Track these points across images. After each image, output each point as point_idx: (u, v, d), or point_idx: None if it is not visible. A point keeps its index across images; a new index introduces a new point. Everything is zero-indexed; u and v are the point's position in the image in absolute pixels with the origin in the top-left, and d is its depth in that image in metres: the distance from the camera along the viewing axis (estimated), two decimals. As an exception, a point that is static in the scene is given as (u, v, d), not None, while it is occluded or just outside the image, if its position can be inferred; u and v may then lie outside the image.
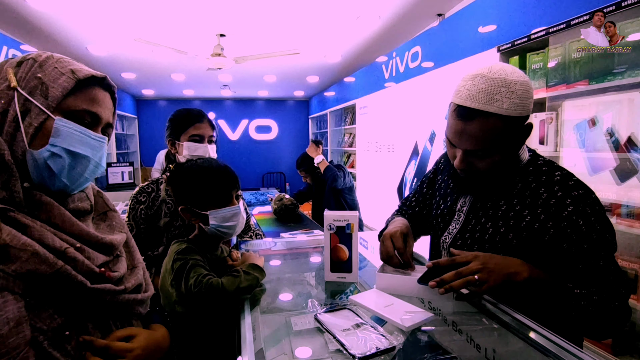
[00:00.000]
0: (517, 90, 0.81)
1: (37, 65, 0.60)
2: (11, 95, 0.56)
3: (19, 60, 0.60)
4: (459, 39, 2.70)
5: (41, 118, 0.57)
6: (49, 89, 0.58)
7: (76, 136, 0.60)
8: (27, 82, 0.58)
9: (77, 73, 0.61)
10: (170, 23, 3.62)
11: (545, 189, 0.88)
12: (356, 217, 1.14)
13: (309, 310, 0.95)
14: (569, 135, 1.86)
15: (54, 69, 0.60)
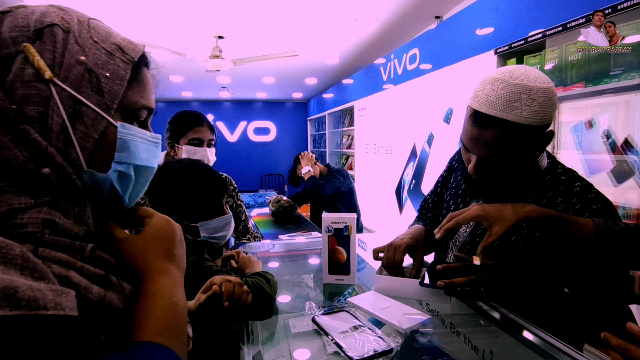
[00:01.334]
0: (538, 98, 0.76)
1: (72, 39, 0.41)
2: (45, 92, 0.38)
3: (34, 27, 0.39)
4: (456, 41, 2.71)
5: (100, 126, 0.41)
6: (101, 81, 0.41)
7: (141, 145, 0.46)
8: (66, 68, 0.40)
9: (127, 51, 0.45)
10: (168, 25, 3.63)
11: (563, 199, 0.83)
12: (354, 220, 1.14)
13: (307, 312, 0.95)
14: (566, 137, 1.87)
15: (94, 44, 0.42)
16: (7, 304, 0.28)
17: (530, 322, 0.83)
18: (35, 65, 0.38)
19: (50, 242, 0.36)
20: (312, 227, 2.80)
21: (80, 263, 0.37)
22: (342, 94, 5.67)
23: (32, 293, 0.29)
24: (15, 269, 0.31)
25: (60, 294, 0.32)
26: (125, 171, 0.44)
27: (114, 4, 3.06)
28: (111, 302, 0.38)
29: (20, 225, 0.35)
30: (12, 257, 0.31)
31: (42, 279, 0.32)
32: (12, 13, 0.40)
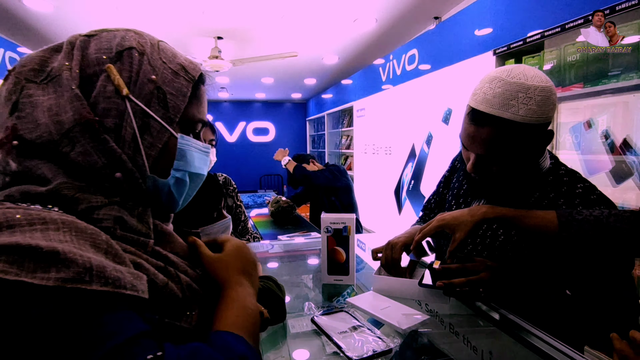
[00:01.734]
0: (535, 97, 0.76)
1: (146, 60, 0.47)
2: (122, 106, 0.44)
3: (116, 50, 0.45)
4: (455, 42, 2.72)
5: (164, 137, 0.47)
6: (167, 97, 0.47)
7: (196, 155, 0.52)
8: (139, 86, 0.45)
9: (189, 71, 0.50)
10: (167, 26, 3.63)
11: (565, 200, 0.83)
12: (353, 220, 1.14)
13: (306, 313, 0.95)
14: (565, 138, 1.88)
15: (163, 65, 0.48)
16: (98, 280, 0.33)
17: (529, 323, 0.83)
18: (115, 83, 0.43)
19: (121, 236, 0.42)
20: (311, 228, 2.80)
21: (145, 255, 0.43)
22: (341, 94, 5.67)
23: (116, 274, 0.35)
24: (102, 252, 0.36)
25: (136, 277, 0.37)
26: (182, 177, 0.50)
27: (112, 6, 3.05)
28: (172, 289, 0.43)
29: (97, 220, 0.41)
30: (100, 242, 0.37)
31: (121, 263, 0.37)
32: (97, 37, 0.46)
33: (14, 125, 0.41)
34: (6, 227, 0.34)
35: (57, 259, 0.32)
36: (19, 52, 3.20)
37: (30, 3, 2.99)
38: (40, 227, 0.34)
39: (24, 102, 0.42)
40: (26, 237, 0.33)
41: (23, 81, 0.43)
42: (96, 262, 0.34)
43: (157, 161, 0.47)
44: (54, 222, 0.36)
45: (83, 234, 0.36)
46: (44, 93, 0.43)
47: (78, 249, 0.34)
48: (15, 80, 0.43)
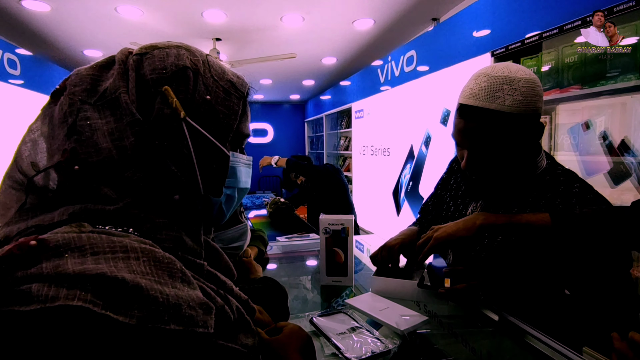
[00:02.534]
0: (520, 87, 0.78)
1: (201, 81, 0.46)
2: (179, 128, 0.43)
3: (172, 70, 0.44)
4: (453, 43, 2.72)
5: (217, 156, 0.47)
6: (220, 116, 0.47)
7: (244, 170, 0.52)
8: (195, 107, 0.45)
9: (238, 87, 0.50)
10: (165, 27, 3.62)
11: (562, 200, 0.83)
12: (351, 221, 1.14)
13: (305, 314, 0.94)
14: (563, 139, 1.88)
15: (214, 83, 0.47)
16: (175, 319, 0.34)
17: (527, 324, 0.83)
18: (173, 106, 0.43)
19: (182, 258, 0.42)
20: (310, 229, 2.79)
21: (202, 279, 0.43)
22: (340, 95, 5.67)
23: (190, 311, 0.35)
24: (178, 280, 0.37)
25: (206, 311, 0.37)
26: (232, 194, 0.51)
27: (111, 7, 3.05)
28: (227, 312, 0.43)
29: (160, 240, 0.41)
30: (175, 271, 0.38)
31: (195, 289, 0.38)
32: (149, 55, 0.46)
33: (73, 149, 0.40)
34: (90, 253, 0.34)
35: (140, 296, 0.33)
36: (17, 53, 3.19)
37: (28, 4, 2.99)
38: (122, 256, 0.35)
39: (82, 124, 0.41)
40: (111, 267, 0.33)
41: (78, 102, 0.42)
42: (173, 300, 0.34)
43: (210, 180, 0.47)
44: (134, 250, 0.36)
45: (161, 264, 0.37)
46: (101, 116, 0.42)
47: (158, 283, 0.35)
48: (70, 102, 0.42)
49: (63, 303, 0.30)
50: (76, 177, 0.41)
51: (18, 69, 3.17)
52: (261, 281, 0.91)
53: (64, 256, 0.33)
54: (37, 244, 0.33)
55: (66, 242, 0.34)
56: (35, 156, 0.43)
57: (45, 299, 0.30)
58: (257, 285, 0.88)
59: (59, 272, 0.32)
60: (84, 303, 0.30)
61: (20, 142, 0.45)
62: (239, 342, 0.44)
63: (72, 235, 0.35)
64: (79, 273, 0.32)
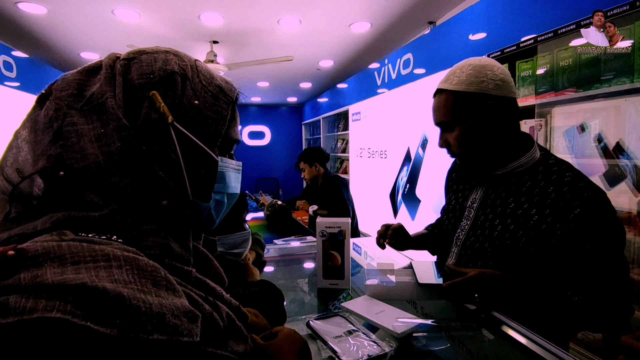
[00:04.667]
0: (467, 70, 0.93)
1: (189, 86, 0.46)
2: (167, 133, 0.43)
3: (159, 74, 0.44)
4: (449, 46, 2.74)
5: (206, 161, 0.47)
6: (208, 121, 0.46)
7: (232, 175, 0.52)
8: (183, 112, 0.44)
9: (227, 93, 0.50)
10: (163, 30, 3.62)
11: (554, 188, 0.87)
12: (348, 224, 1.14)
13: (302, 317, 0.94)
14: (558, 142, 1.89)
15: (203, 87, 0.47)
16: (159, 329, 0.33)
17: (524, 327, 0.83)
18: (161, 111, 0.42)
19: (169, 265, 0.42)
20: (307, 232, 2.79)
21: (190, 286, 0.42)
22: (337, 98, 5.68)
23: (174, 320, 0.35)
24: (162, 289, 0.36)
25: (192, 319, 0.37)
26: (221, 199, 0.50)
27: (107, 10, 3.05)
28: (216, 319, 0.43)
29: (146, 246, 0.40)
30: (160, 279, 0.37)
31: (180, 297, 0.38)
32: (137, 60, 0.45)
33: (58, 154, 0.40)
34: (71, 262, 0.33)
35: (122, 306, 0.32)
36: (14, 55, 3.18)
37: (24, 6, 2.98)
38: (104, 265, 0.34)
39: (68, 130, 0.41)
40: (92, 277, 0.32)
41: (64, 107, 0.42)
42: (157, 309, 0.34)
43: (199, 185, 0.46)
44: (117, 259, 0.35)
45: (144, 272, 0.36)
46: (87, 121, 0.41)
47: (140, 292, 0.34)
48: (56, 107, 0.42)
49: (41, 315, 0.29)
50: (61, 183, 0.40)
51: (14, 71, 3.15)
52: (257, 284, 0.91)
53: (43, 266, 0.32)
54: (15, 253, 0.32)
55: (45, 251, 0.33)
56: (20, 162, 0.42)
57: (23, 311, 0.29)
58: (253, 288, 0.87)
59: (38, 283, 0.31)
60: (63, 314, 0.29)
61: (6, 148, 0.44)
62: (229, 349, 0.43)
63: (52, 244, 0.34)
64: (59, 283, 0.31)
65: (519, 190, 0.93)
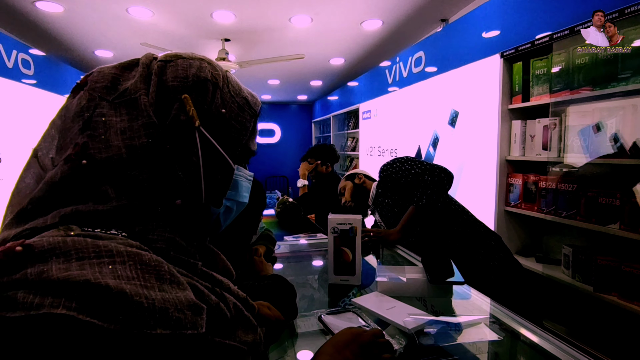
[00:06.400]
0: None
1: (219, 95, 0.47)
2: (192, 136, 0.44)
3: (192, 80, 0.46)
4: (462, 44, 2.71)
5: (223, 168, 0.48)
6: (232, 130, 0.48)
7: (245, 185, 0.53)
8: (210, 118, 0.46)
9: (252, 106, 0.51)
10: (175, 28, 3.66)
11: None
12: (359, 221, 1.15)
13: (313, 311, 0.95)
14: (573, 141, 1.86)
15: (231, 98, 0.49)
16: (162, 324, 0.34)
17: (534, 324, 0.83)
18: (190, 114, 0.44)
19: (174, 258, 0.42)
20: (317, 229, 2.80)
21: (196, 278, 0.43)
22: (347, 96, 5.67)
23: (178, 314, 0.35)
24: (166, 282, 0.37)
25: (196, 312, 0.37)
26: (231, 206, 0.52)
27: (122, 9, 3.09)
28: (223, 309, 0.43)
29: (152, 240, 0.41)
30: (164, 272, 0.38)
31: (184, 290, 0.38)
32: (173, 63, 0.47)
33: (84, 143, 0.41)
34: (75, 258, 0.34)
35: (124, 302, 0.33)
36: (31, 53, 3.25)
37: (41, 5, 3.04)
38: (107, 260, 0.35)
39: (97, 121, 0.42)
40: (96, 273, 0.33)
41: (97, 98, 0.43)
42: (160, 304, 0.34)
43: (213, 190, 0.48)
44: (120, 254, 0.36)
45: (147, 267, 0.37)
46: (116, 114, 0.43)
47: (143, 287, 0.35)
48: (89, 97, 0.43)
49: (47, 311, 0.30)
50: (81, 172, 0.41)
51: (32, 69, 3.23)
52: (271, 278, 0.92)
53: (49, 261, 0.33)
54: (22, 249, 0.34)
55: (51, 247, 0.34)
56: (54, 151, 0.43)
57: (30, 306, 0.30)
58: (267, 282, 0.89)
59: (44, 279, 0.32)
60: (68, 311, 0.30)
61: (41, 137, 0.45)
62: (238, 339, 0.44)
63: (57, 239, 0.35)
64: (64, 279, 0.32)
65: None
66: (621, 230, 1.60)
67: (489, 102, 2.35)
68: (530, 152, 2.13)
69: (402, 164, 1.69)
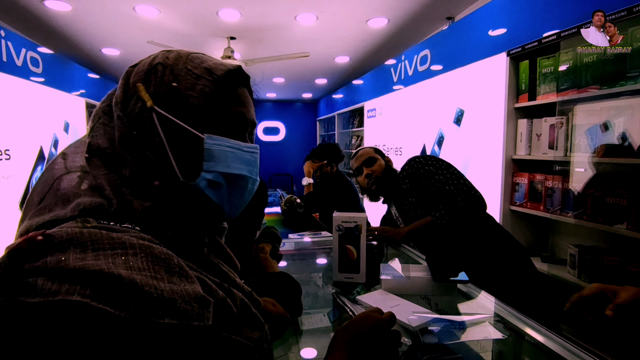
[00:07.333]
0: None
1: (169, 71, 0.48)
2: (150, 117, 0.46)
3: (146, 69, 0.48)
4: (468, 42, 2.70)
5: (189, 140, 0.47)
6: (189, 100, 0.47)
7: (230, 154, 0.50)
8: (163, 96, 0.47)
9: (214, 71, 0.49)
10: (181, 26, 3.68)
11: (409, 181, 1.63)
12: (364, 219, 1.15)
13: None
14: (580, 140, 1.85)
15: (188, 72, 0.48)
16: (169, 314, 0.36)
17: (538, 322, 0.83)
18: (142, 99, 0.46)
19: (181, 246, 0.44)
20: (321, 227, 2.80)
21: (204, 273, 0.45)
22: (352, 94, 5.67)
23: (185, 306, 0.37)
24: (175, 275, 0.39)
25: (203, 304, 0.39)
26: (215, 179, 0.48)
27: (129, 7, 3.11)
28: (229, 304, 0.45)
29: (162, 229, 0.44)
30: (173, 265, 0.40)
31: (192, 283, 0.40)
32: (139, 64, 0.51)
33: (88, 143, 0.48)
34: (91, 249, 0.37)
35: (135, 291, 0.35)
36: (39, 51, 3.28)
37: (50, 3, 3.07)
38: (120, 252, 0.37)
39: (97, 126, 0.50)
40: (109, 263, 0.36)
41: (100, 112, 0.51)
42: (168, 295, 0.36)
43: (187, 166, 0.47)
44: (133, 247, 0.38)
45: (158, 259, 0.39)
46: (104, 119, 0.50)
47: (153, 278, 0.37)
48: (95, 113, 0.52)
49: (63, 297, 0.32)
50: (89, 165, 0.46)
51: (40, 67, 3.26)
52: (276, 276, 0.93)
53: (67, 251, 0.36)
54: (43, 239, 0.36)
55: (70, 237, 0.37)
56: None
57: (48, 292, 0.33)
58: (272, 279, 0.89)
59: (61, 267, 0.34)
60: (83, 298, 0.33)
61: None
62: (244, 335, 0.45)
63: (75, 230, 0.38)
64: (79, 268, 0.34)
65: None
66: (628, 230, 1.59)
67: (495, 100, 2.34)
68: (537, 151, 2.12)
69: (437, 170, 1.54)
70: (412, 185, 1.60)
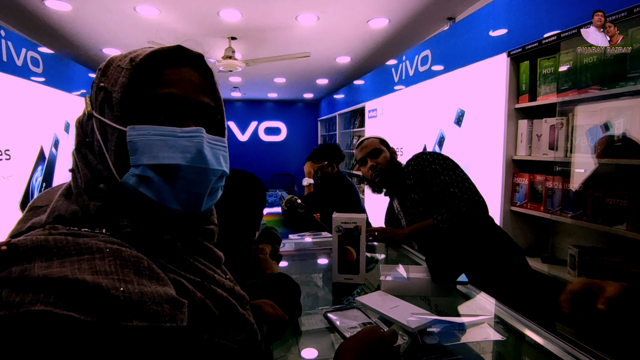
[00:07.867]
0: None
1: (101, 73, 0.47)
2: (91, 123, 0.47)
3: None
4: (469, 43, 2.70)
5: (115, 136, 0.44)
6: (112, 95, 0.45)
7: (158, 142, 0.44)
8: (95, 98, 0.47)
9: (134, 59, 0.46)
10: (182, 26, 3.68)
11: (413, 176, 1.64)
12: (364, 220, 1.15)
13: (318, 308, 0.96)
14: (580, 141, 1.85)
15: (116, 69, 0.46)
16: (138, 316, 0.35)
17: (537, 324, 0.83)
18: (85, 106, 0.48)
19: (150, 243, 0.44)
20: (322, 228, 2.80)
21: (183, 272, 0.45)
22: (353, 95, 5.67)
23: (155, 307, 0.36)
24: (145, 277, 0.39)
25: (175, 306, 0.38)
26: (142, 173, 0.43)
27: (129, 7, 3.11)
28: (208, 305, 0.44)
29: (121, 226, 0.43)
30: (143, 268, 0.39)
31: (164, 285, 0.40)
32: None
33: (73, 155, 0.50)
34: (56, 256, 0.36)
35: (101, 295, 0.34)
36: (40, 51, 3.29)
37: (50, 3, 3.08)
38: (87, 257, 0.37)
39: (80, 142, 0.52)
40: (74, 269, 0.35)
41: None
42: (137, 297, 0.36)
43: (122, 165, 0.44)
44: (100, 251, 0.38)
45: (127, 262, 0.38)
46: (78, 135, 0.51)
47: (121, 281, 0.36)
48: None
49: (26, 309, 0.32)
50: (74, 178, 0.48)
51: (41, 67, 3.26)
52: (275, 277, 0.93)
53: (32, 260, 0.35)
54: (7, 249, 0.36)
55: (35, 245, 0.36)
56: None
57: (12, 305, 0.32)
58: (271, 280, 0.89)
59: (25, 276, 0.34)
60: (45, 306, 0.32)
61: None
62: (229, 337, 0.45)
63: (40, 238, 0.37)
64: (43, 277, 0.34)
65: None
66: (628, 231, 1.59)
67: (496, 101, 2.34)
68: (537, 151, 2.12)
69: (444, 170, 1.51)
70: (416, 181, 1.58)
